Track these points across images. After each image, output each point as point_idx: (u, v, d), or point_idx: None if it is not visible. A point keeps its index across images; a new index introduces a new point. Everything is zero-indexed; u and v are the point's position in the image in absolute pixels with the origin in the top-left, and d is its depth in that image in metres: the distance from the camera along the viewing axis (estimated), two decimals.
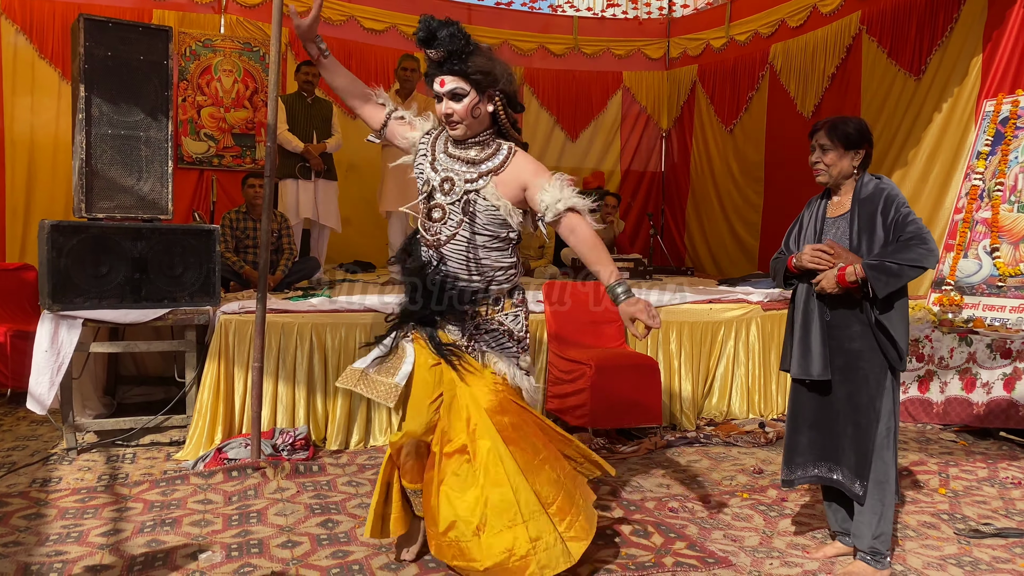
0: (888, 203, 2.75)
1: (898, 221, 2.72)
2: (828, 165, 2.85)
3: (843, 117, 2.90)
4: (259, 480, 3.70)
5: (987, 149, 5.65)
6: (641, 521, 3.27)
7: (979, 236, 5.47)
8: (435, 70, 2.48)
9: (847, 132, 2.82)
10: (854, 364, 2.78)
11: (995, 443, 4.62)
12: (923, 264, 2.66)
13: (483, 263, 2.60)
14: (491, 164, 2.56)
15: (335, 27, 7.93)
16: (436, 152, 2.63)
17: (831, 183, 2.90)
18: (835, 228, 2.87)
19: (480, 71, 2.45)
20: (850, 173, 2.86)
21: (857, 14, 6.98)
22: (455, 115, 2.49)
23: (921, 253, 2.65)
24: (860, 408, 2.77)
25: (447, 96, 2.48)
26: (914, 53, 6.40)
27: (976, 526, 3.28)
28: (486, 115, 2.53)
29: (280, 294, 4.99)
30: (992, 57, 5.81)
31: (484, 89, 2.48)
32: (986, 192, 5.55)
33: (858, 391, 2.78)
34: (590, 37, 9.36)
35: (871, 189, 2.82)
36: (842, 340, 2.80)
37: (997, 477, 3.95)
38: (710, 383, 5.19)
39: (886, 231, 2.73)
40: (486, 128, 2.57)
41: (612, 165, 9.58)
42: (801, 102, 7.66)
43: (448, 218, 2.58)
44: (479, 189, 2.54)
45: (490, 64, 2.48)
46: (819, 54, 7.42)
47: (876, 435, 2.74)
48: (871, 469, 2.74)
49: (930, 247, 2.66)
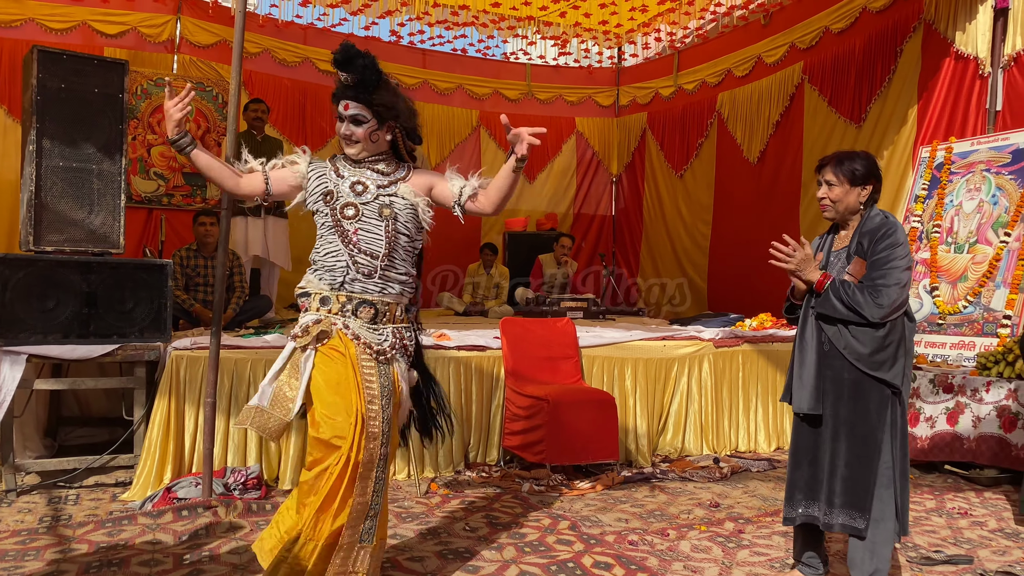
0: (880, 239, 2.71)
1: (877, 261, 2.69)
2: (834, 201, 2.81)
3: (849, 152, 2.86)
4: (211, 519, 3.60)
5: (924, 193, 5.90)
6: (602, 554, 3.26)
7: (919, 276, 5.67)
8: (342, 92, 2.62)
9: (854, 168, 2.78)
10: (853, 394, 2.72)
11: (940, 476, 4.74)
12: (863, 313, 2.64)
13: (394, 269, 2.64)
14: (399, 174, 2.72)
15: (291, 68, 7.97)
16: (339, 166, 2.72)
17: (838, 218, 2.86)
18: (839, 260, 2.83)
19: (383, 104, 2.61)
20: (856, 208, 2.82)
21: (800, 64, 7.28)
22: (354, 136, 2.63)
23: (867, 303, 2.64)
24: (861, 440, 2.70)
25: (349, 119, 2.62)
26: (854, 102, 6.69)
27: (927, 553, 3.35)
28: (384, 141, 2.69)
29: (232, 332, 4.91)
30: (927, 106, 6.10)
31: (385, 120, 2.65)
32: (925, 234, 5.77)
33: (860, 422, 2.71)
34: (543, 84, 9.59)
35: (876, 223, 2.78)
36: (840, 370, 2.74)
37: (944, 508, 4.05)
38: (664, 419, 5.24)
39: (869, 266, 2.71)
40: (384, 151, 2.71)
41: (566, 207, 9.76)
42: (747, 148, 7.92)
43: (362, 217, 2.63)
44: (396, 191, 2.67)
45: (394, 99, 2.65)
46: (764, 102, 7.70)
47: (877, 469, 2.68)
48: (873, 504, 2.68)
49: (880, 302, 2.63)
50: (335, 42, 8.21)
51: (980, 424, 4.46)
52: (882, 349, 2.69)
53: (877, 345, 2.69)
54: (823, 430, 2.79)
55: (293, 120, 8.07)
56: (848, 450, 2.73)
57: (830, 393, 2.77)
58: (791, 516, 2.89)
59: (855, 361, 2.70)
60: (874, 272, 2.69)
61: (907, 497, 2.79)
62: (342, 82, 2.60)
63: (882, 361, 2.69)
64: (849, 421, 2.73)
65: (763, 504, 4.10)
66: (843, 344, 2.72)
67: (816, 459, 2.81)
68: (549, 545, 3.37)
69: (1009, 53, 5.63)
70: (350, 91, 2.58)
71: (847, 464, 2.73)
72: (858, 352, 2.70)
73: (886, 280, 2.66)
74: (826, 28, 7.02)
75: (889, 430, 2.71)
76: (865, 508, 2.69)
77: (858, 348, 2.70)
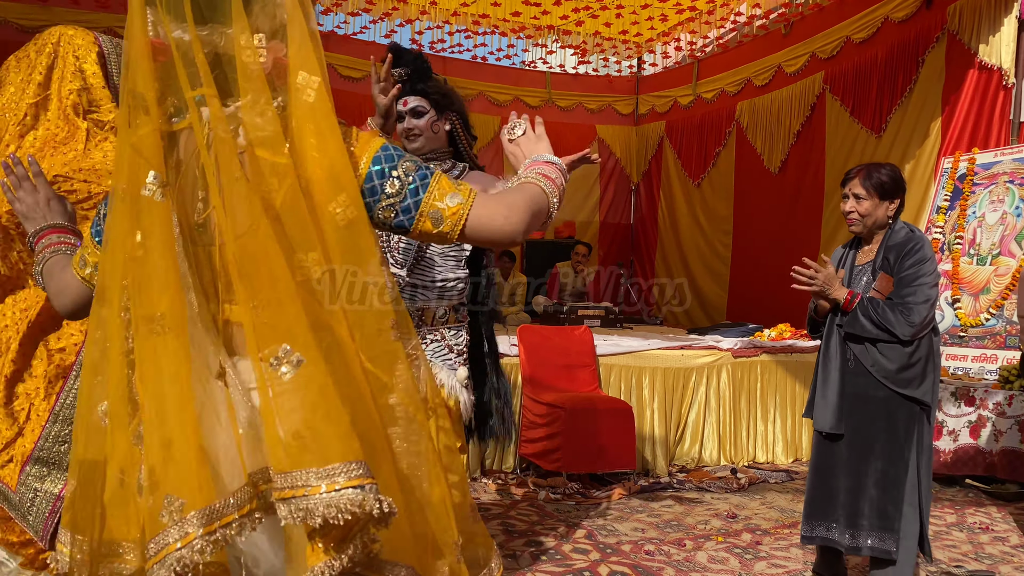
0: (908, 255, 2.68)
1: (905, 278, 2.65)
2: (863, 215, 2.77)
3: (877, 164, 2.81)
4: None
5: (946, 204, 5.85)
6: (618, 563, 3.25)
7: (941, 288, 5.62)
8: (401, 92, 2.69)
9: (882, 181, 2.73)
10: (881, 413, 2.68)
11: (961, 490, 4.68)
12: (895, 332, 2.61)
13: (424, 276, 2.65)
14: (453, 173, 2.72)
15: None
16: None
17: (864, 233, 2.82)
18: (864, 275, 2.80)
19: (439, 92, 2.68)
20: (885, 223, 2.78)
21: (820, 74, 7.25)
22: (415, 129, 2.66)
23: (898, 322, 2.61)
24: (889, 460, 2.67)
25: (409, 113, 2.66)
26: (875, 112, 6.65)
27: (948, 569, 3.31)
28: (444, 133, 2.72)
29: None
30: (950, 117, 6.05)
31: (443, 110, 2.69)
32: (947, 245, 5.72)
33: (889, 441, 2.67)
34: (563, 92, 9.59)
35: (901, 237, 2.74)
36: (867, 388, 2.70)
37: (965, 523, 4.00)
38: (682, 429, 5.22)
39: (896, 282, 2.68)
40: (444, 147, 2.74)
41: (589, 215, 9.76)
42: (768, 158, 7.88)
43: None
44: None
45: (447, 89, 2.74)
46: (784, 112, 7.67)
47: (905, 486, 2.64)
48: (902, 522, 2.64)
49: (912, 320, 2.60)
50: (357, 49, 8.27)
51: (1002, 438, 4.41)
52: (911, 366, 2.65)
53: (905, 362, 2.65)
54: (847, 449, 2.75)
55: None
56: (876, 470, 2.68)
57: (855, 412, 2.72)
58: (810, 536, 2.86)
59: (883, 379, 2.66)
60: (903, 289, 2.65)
61: (928, 518, 2.75)
62: (397, 80, 2.65)
63: (911, 378, 2.65)
64: (878, 440, 2.68)
65: (781, 516, 4.07)
66: (871, 362, 2.68)
67: (838, 479, 2.76)
68: (565, 554, 3.37)
69: None
70: (406, 86, 2.64)
71: (876, 484, 2.68)
72: (886, 370, 2.66)
73: (916, 297, 2.62)
74: (847, 38, 6.99)
75: (916, 447, 2.67)
76: (895, 529, 2.65)
77: (886, 365, 2.66)
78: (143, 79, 1.22)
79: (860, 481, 2.72)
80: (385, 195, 1.32)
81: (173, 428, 1.13)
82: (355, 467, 1.09)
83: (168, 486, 1.11)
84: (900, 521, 2.66)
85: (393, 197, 1.33)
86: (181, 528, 1.08)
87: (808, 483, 2.90)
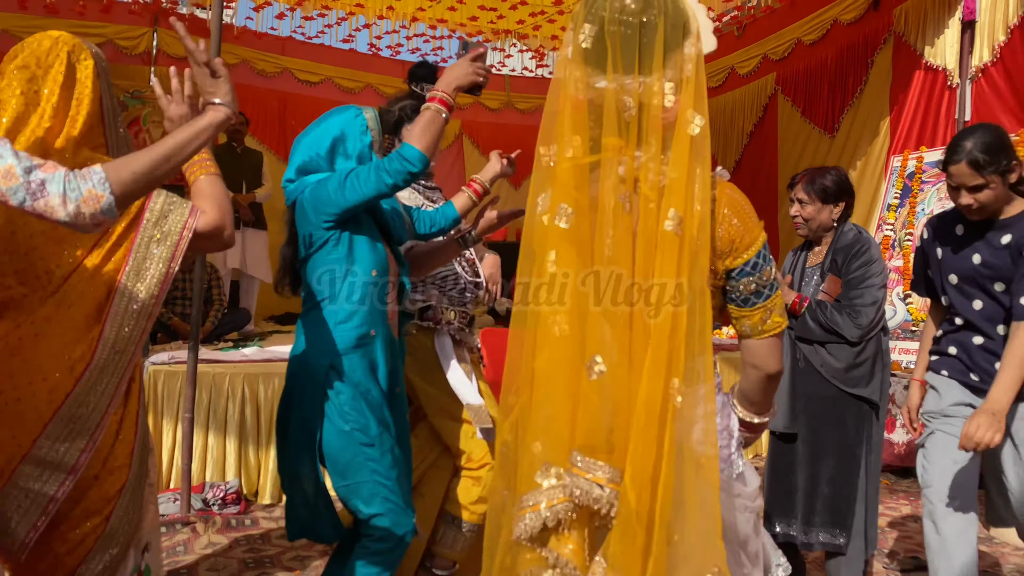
0: (855, 256, 2.72)
1: (853, 280, 2.69)
2: (807, 219, 2.81)
3: (822, 169, 2.85)
4: (189, 535, 3.58)
5: (896, 202, 5.99)
6: None
7: (892, 283, 5.75)
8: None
9: (825, 186, 2.76)
10: (831, 412, 2.72)
11: (915, 481, 4.78)
12: (843, 334, 2.65)
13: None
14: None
15: (269, 78, 7.97)
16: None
17: (811, 236, 2.86)
18: (814, 276, 2.84)
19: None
20: (830, 226, 2.81)
21: (772, 75, 7.38)
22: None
23: (846, 324, 2.65)
24: (841, 458, 2.71)
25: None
26: (827, 112, 6.78)
27: (903, 558, 3.39)
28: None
29: (210, 345, 4.89)
30: (898, 117, 6.20)
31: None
32: (897, 242, 5.86)
33: (840, 440, 2.71)
34: (523, 94, 9.63)
35: (849, 239, 2.77)
36: (818, 387, 2.74)
37: (919, 513, 4.08)
38: None
39: (844, 284, 2.72)
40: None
41: None
42: (722, 158, 8.00)
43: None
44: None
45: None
46: (737, 113, 7.79)
47: (857, 483, 2.69)
48: (853, 519, 2.69)
49: (859, 322, 2.64)
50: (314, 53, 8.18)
51: None
52: (858, 366, 2.70)
53: (852, 361, 2.70)
54: (800, 448, 2.78)
55: (272, 130, 8.04)
56: (829, 468, 2.73)
57: (807, 411, 2.76)
58: (772, 534, 2.89)
59: (832, 378, 2.71)
60: (851, 291, 2.69)
61: (876, 512, 2.81)
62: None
63: (859, 377, 2.70)
64: (829, 439, 2.73)
65: None
66: (819, 362, 2.73)
67: (793, 478, 2.81)
68: None
69: (976, 65, 5.73)
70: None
71: (828, 482, 2.73)
72: (835, 369, 2.70)
73: (863, 299, 2.66)
74: (798, 40, 7.12)
75: (866, 445, 2.72)
76: (847, 525, 2.70)
77: (835, 365, 2.70)
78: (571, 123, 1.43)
79: (814, 480, 2.76)
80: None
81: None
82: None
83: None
84: (852, 517, 2.70)
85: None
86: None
87: (766, 483, 2.94)
